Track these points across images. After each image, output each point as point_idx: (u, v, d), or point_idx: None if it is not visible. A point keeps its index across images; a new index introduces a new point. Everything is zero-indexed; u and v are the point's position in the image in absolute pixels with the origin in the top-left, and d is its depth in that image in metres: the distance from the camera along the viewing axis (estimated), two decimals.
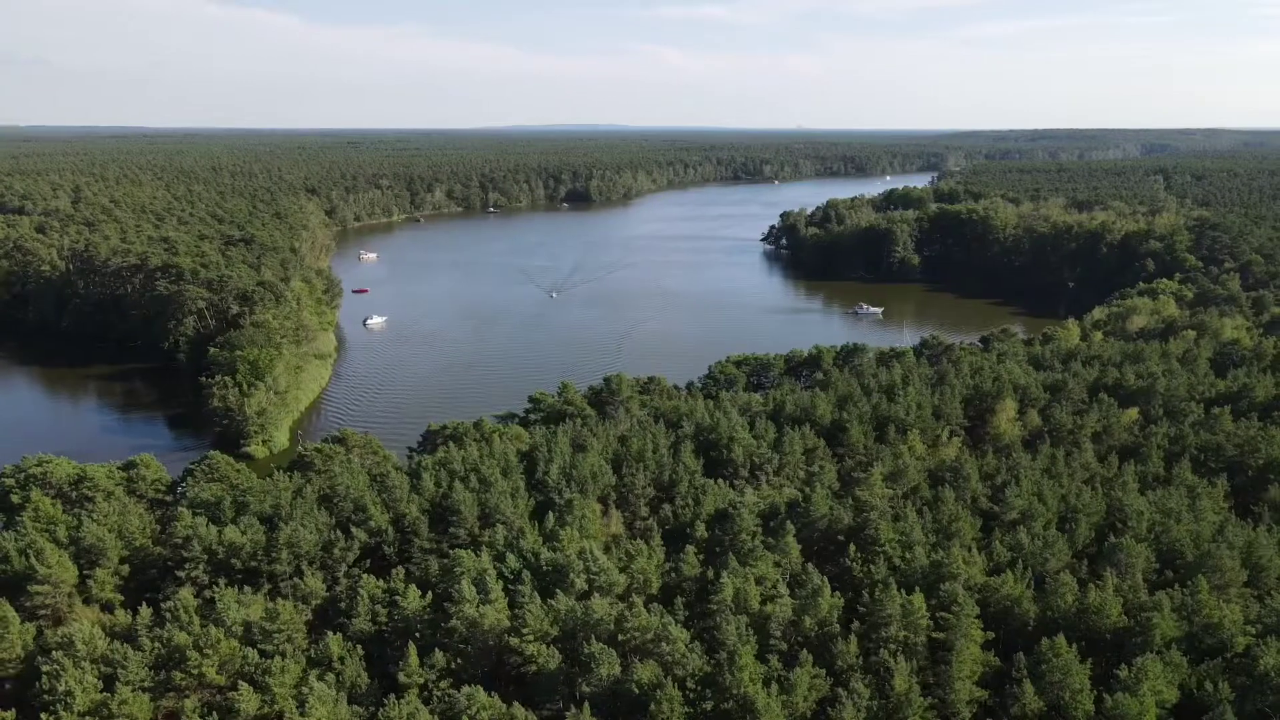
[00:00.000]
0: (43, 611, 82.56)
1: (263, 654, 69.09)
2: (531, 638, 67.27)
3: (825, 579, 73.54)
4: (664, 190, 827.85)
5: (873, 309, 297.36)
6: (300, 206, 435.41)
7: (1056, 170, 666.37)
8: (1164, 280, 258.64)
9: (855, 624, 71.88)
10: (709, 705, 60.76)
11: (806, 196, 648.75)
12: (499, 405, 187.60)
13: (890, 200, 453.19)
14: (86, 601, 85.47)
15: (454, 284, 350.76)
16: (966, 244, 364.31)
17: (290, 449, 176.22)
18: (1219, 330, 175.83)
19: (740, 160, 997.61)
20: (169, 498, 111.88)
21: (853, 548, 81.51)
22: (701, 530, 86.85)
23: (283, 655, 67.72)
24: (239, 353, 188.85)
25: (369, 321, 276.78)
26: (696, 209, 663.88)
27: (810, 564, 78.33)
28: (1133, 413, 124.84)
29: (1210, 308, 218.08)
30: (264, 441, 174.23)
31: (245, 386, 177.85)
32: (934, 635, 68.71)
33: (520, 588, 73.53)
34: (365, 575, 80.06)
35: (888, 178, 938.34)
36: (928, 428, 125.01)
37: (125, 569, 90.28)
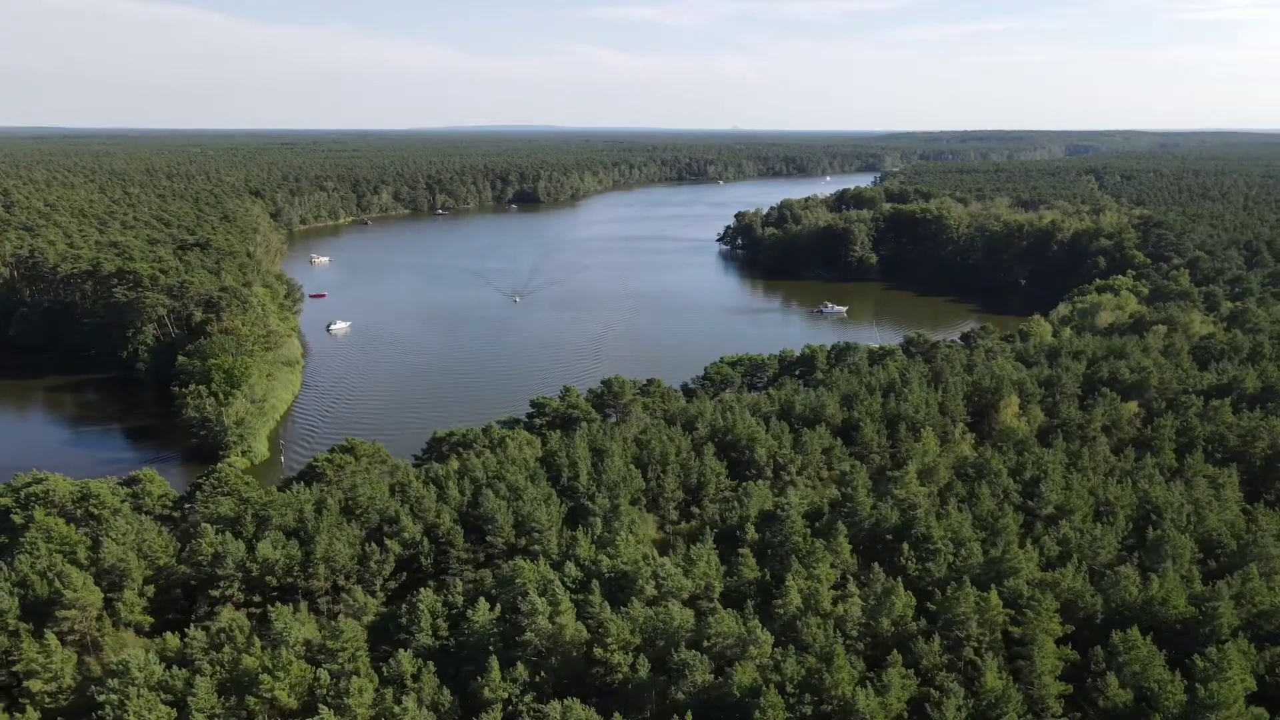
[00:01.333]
0: (71, 637, 78.36)
1: (330, 674, 66.45)
2: (615, 647, 66.12)
3: (898, 579, 73.96)
4: (610, 191, 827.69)
5: (837, 307, 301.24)
6: (246, 209, 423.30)
7: (995, 171, 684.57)
8: (1119, 277, 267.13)
9: (922, 621, 72.39)
10: (808, 709, 60.43)
11: (752, 196, 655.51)
12: (484, 410, 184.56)
13: (843, 200, 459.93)
14: (114, 625, 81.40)
15: (412, 288, 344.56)
16: (920, 243, 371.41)
17: (272, 459, 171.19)
18: (1188, 325, 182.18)
19: (684, 161, 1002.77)
20: (176, 513, 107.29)
21: (906, 546, 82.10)
22: (752, 532, 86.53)
23: (356, 674, 65.23)
24: (213, 361, 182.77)
25: (333, 327, 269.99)
26: (645, 209, 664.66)
27: (876, 564, 78.67)
28: (1132, 406, 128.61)
29: (1167, 303, 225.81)
30: (244, 452, 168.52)
31: (222, 396, 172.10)
32: (1009, 631, 69.53)
33: (590, 597, 72.22)
34: (423, 589, 77.79)
35: (827, 178, 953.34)
36: (935, 424, 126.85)
37: (150, 589, 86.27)
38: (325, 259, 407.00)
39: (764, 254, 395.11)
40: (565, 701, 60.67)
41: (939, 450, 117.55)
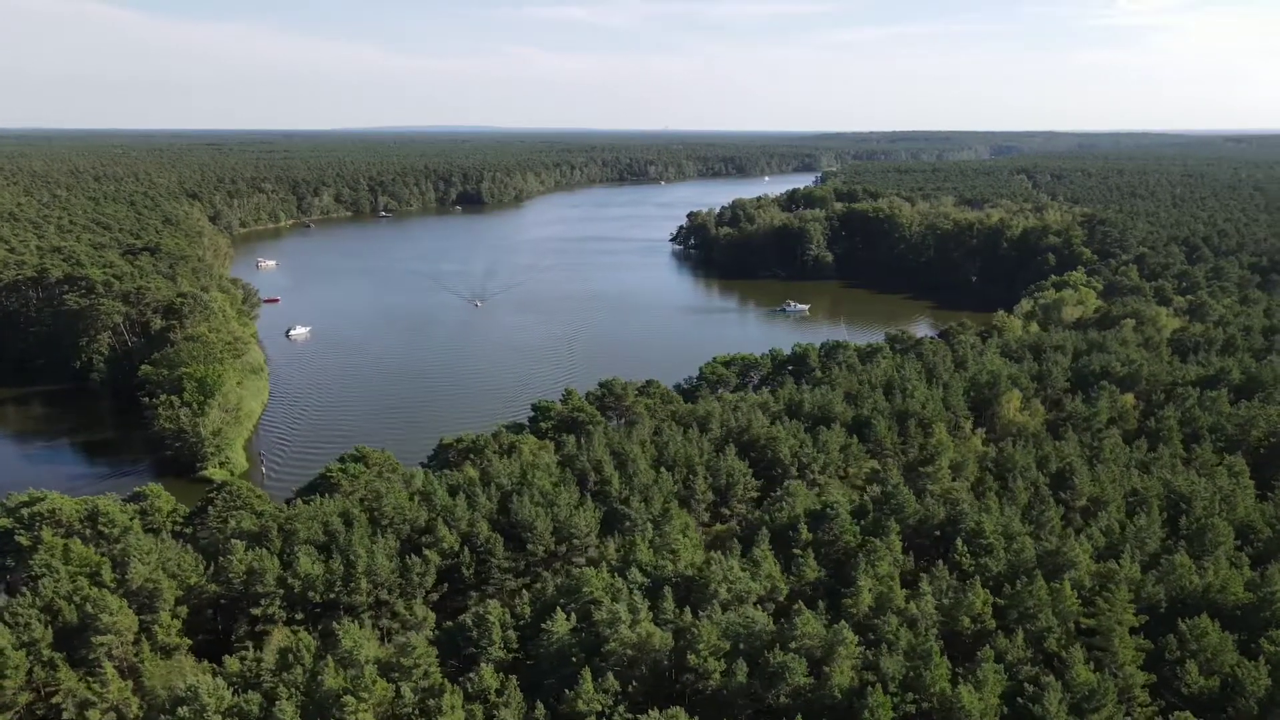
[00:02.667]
0: (110, 663, 73.96)
1: (413, 692, 64.00)
2: (706, 653, 65.18)
3: (973, 577, 74.59)
4: (553, 192, 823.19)
5: (800, 306, 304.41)
6: (186, 212, 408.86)
7: (932, 170, 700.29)
8: (1073, 273, 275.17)
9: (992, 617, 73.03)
10: (911, 707, 60.51)
11: (695, 196, 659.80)
12: (467, 414, 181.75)
13: (794, 199, 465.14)
14: (152, 649, 77.15)
15: (366, 292, 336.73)
16: (873, 241, 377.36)
17: (251, 470, 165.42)
18: (1155, 318, 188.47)
19: (625, 161, 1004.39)
20: (188, 529, 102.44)
21: (959, 542, 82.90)
22: (805, 532, 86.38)
23: (442, 690, 62.99)
24: (184, 370, 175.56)
25: (292, 332, 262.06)
26: (592, 210, 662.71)
27: (940, 560, 79.28)
28: (1129, 398, 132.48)
29: (1124, 298, 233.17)
30: (221, 463, 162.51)
31: (196, 406, 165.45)
32: (1079, 622, 70.68)
33: (664, 603, 71.14)
34: (491, 601, 75.61)
35: (766, 178, 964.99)
36: (942, 420, 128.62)
37: (183, 610, 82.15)
38: (271, 263, 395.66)
39: (719, 254, 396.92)
40: (669, 710, 59.49)
41: (952, 445, 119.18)
